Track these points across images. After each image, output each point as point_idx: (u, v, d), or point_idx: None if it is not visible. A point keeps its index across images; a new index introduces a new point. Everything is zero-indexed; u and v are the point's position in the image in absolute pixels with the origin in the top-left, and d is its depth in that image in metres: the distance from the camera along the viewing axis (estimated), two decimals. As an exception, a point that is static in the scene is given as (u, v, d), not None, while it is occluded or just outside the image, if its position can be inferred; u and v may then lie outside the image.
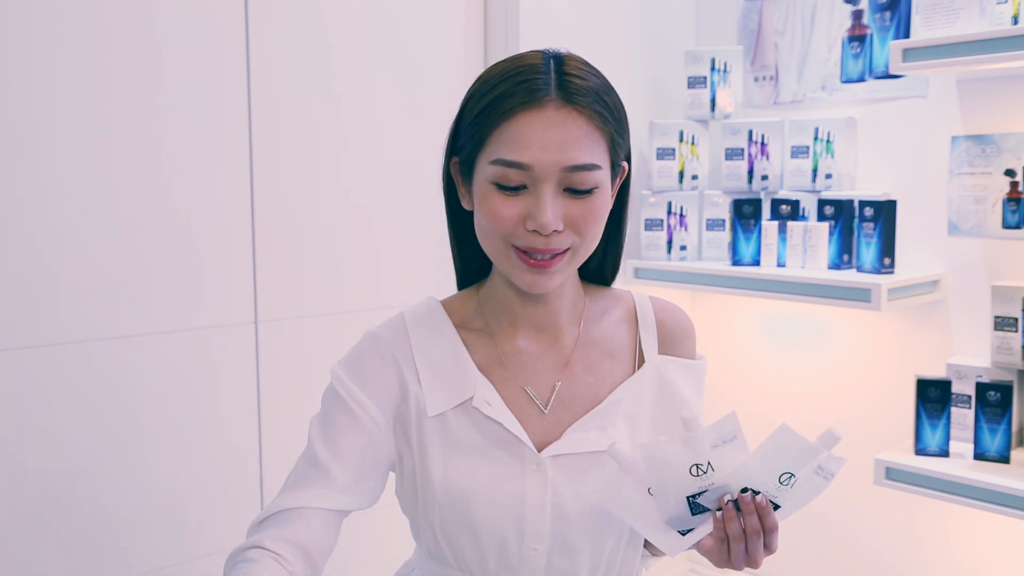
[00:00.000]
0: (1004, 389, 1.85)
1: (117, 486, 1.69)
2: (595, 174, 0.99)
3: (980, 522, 2.03)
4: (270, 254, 1.86)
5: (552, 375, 1.11)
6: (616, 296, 1.18)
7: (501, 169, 0.98)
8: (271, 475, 1.89)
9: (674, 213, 2.37)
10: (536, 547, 1.05)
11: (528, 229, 0.99)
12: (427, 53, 2.09)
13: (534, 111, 0.97)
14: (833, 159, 2.20)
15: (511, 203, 0.99)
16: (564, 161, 0.97)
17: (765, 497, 0.97)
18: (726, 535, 0.98)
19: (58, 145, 1.58)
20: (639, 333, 1.15)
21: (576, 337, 1.13)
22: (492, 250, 1.04)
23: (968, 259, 2.05)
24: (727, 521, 0.97)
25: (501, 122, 0.98)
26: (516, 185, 0.98)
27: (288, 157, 1.87)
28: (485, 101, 1.00)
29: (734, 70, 2.35)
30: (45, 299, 1.58)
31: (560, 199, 0.99)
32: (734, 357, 2.49)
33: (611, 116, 1.02)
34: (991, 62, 1.77)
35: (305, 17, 1.88)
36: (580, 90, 0.99)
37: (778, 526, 0.99)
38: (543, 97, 0.98)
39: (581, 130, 0.98)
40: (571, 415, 1.10)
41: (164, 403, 1.74)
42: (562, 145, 0.97)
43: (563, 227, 0.99)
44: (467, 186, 1.06)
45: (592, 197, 1.00)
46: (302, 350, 1.91)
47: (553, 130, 0.97)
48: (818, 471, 0.98)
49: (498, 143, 0.99)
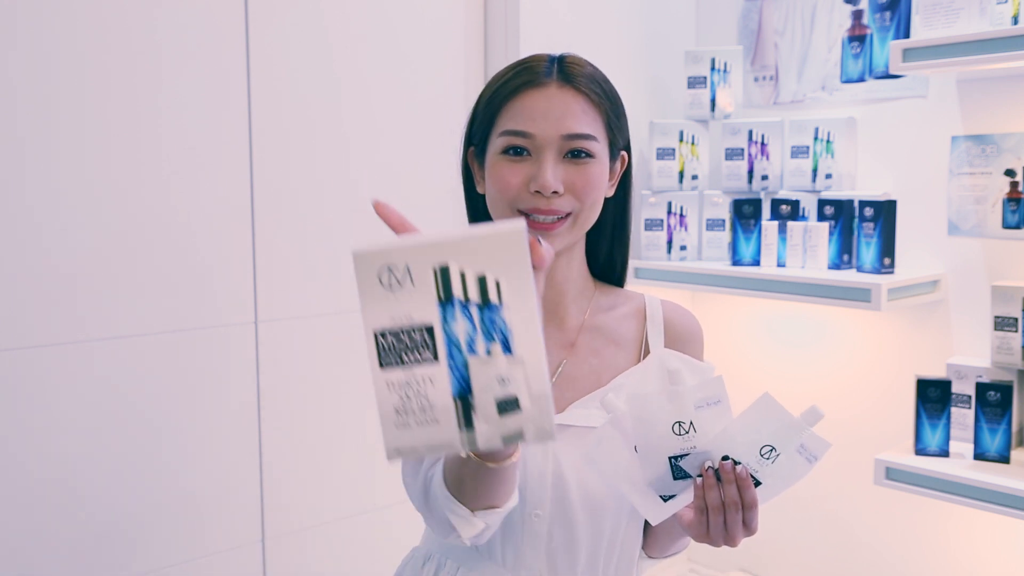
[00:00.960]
0: (1004, 389, 1.85)
1: (117, 486, 1.69)
2: (592, 144, 1.09)
3: (980, 522, 2.03)
4: (270, 254, 1.86)
5: (557, 354, 1.17)
6: (627, 295, 1.24)
7: (507, 138, 1.09)
8: (271, 475, 1.89)
9: (674, 213, 2.37)
10: (538, 512, 1.10)
11: (531, 191, 1.07)
12: (427, 53, 2.09)
13: (537, 89, 1.09)
14: (833, 159, 2.20)
15: (516, 169, 1.08)
16: (563, 129, 1.07)
17: (746, 469, 0.99)
18: (705, 505, 0.99)
19: (58, 145, 1.58)
20: (646, 328, 1.20)
21: (582, 322, 1.18)
22: (499, 217, 1.12)
23: (968, 259, 2.05)
24: (707, 489, 0.99)
25: (508, 100, 1.10)
26: (520, 148, 1.08)
27: (288, 157, 1.87)
28: (494, 88, 1.12)
29: (734, 70, 2.35)
30: (45, 299, 1.58)
31: (560, 165, 1.08)
32: (734, 357, 2.49)
33: (607, 98, 1.12)
34: (991, 62, 1.77)
35: (305, 17, 1.88)
36: (578, 74, 1.11)
37: (758, 503, 1.00)
38: (545, 78, 1.09)
39: (579, 105, 1.09)
40: (574, 394, 1.15)
41: (164, 403, 1.74)
42: (561, 116, 1.08)
43: (563, 191, 1.08)
44: (482, 170, 1.15)
45: (590, 164, 1.09)
46: (302, 350, 1.90)
47: (554, 103, 1.08)
48: (801, 450, 0.99)
49: (506, 117, 1.09)
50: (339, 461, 1.97)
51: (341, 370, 1.95)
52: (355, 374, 1.94)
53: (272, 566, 1.91)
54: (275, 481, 1.90)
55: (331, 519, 1.98)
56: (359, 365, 1.47)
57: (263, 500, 1.88)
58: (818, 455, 0.99)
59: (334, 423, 1.95)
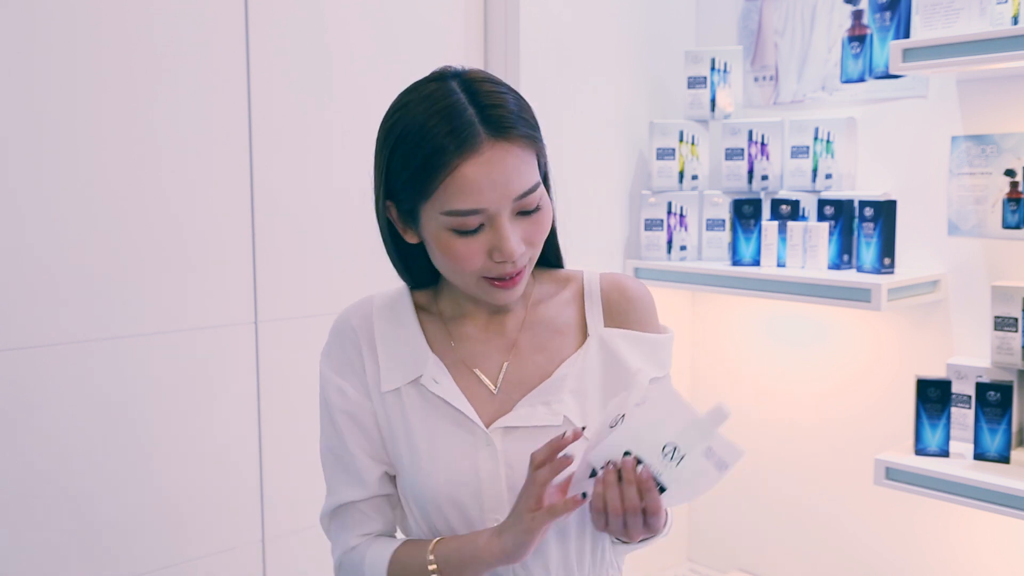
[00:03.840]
0: (1004, 389, 1.85)
1: (117, 486, 1.69)
2: (538, 191, 1.05)
3: (980, 522, 2.03)
4: (270, 254, 1.86)
5: (500, 357, 1.16)
6: (567, 276, 1.21)
7: (457, 219, 1.02)
8: (271, 475, 1.89)
9: (674, 213, 2.37)
10: (496, 516, 1.10)
11: (496, 261, 1.04)
12: (427, 53, 2.09)
13: (473, 157, 1.01)
14: (833, 159, 2.20)
15: (473, 243, 1.04)
16: (512, 193, 1.02)
17: (648, 471, 0.96)
18: (605, 503, 0.98)
19: (58, 145, 1.58)
20: (585, 308, 1.18)
21: (523, 319, 1.17)
22: (461, 283, 1.09)
23: (968, 259, 2.05)
24: (606, 487, 0.97)
25: (444, 176, 1.01)
26: (475, 228, 1.03)
27: (288, 157, 1.87)
28: (419, 155, 1.02)
29: (734, 70, 2.35)
30: (45, 299, 1.58)
31: (516, 224, 1.05)
32: (734, 357, 2.49)
33: (532, 127, 1.06)
34: (991, 62, 1.77)
35: (305, 17, 1.88)
36: (504, 119, 1.03)
37: (661, 510, 0.97)
38: (476, 141, 1.01)
39: (517, 158, 1.03)
40: (520, 393, 1.13)
41: (164, 403, 1.74)
42: (507, 181, 1.02)
43: (525, 248, 1.06)
44: (412, 227, 1.10)
45: (541, 212, 1.07)
46: (302, 350, 1.90)
47: (495, 169, 1.01)
48: (708, 455, 0.92)
49: (446, 195, 1.02)
50: (339, 461, 1.97)
51: (341, 370, 1.94)
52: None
53: (272, 566, 1.91)
54: (275, 481, 1.90)
55: (331, 519, 1.98)
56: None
57: (263, 500, 1.88)
58: (729, 463, 0.92)
59: (334, 423, 1.95)
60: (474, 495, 1.10)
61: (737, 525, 2.51)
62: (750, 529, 2.48)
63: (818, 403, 2.33)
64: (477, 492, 1.10)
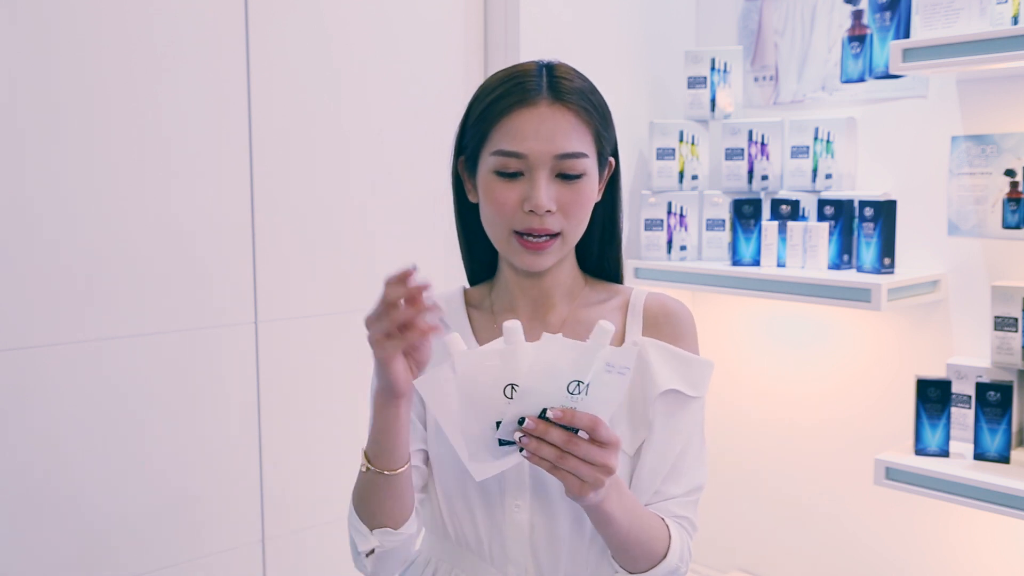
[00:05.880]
0: (1004, 389, 1.85)
1: (117, 486, 1.69)
2: (583, 161, 1.11)
3: (980, 522, 2.03)
4: (270, 254, 1.86)
5: None
6: (619, 290, 1.25)
7: (501, 159, 1.10)
8: (271, 475, 1.89)
9: (674, 213, 2.37)
10: (518, 503, 1.13)
11: (525, 211, 1.10)
12: (427, 54, 2.09)
13: (528, 108, 1.10)
14: (833, 159, 2.20)
15: (510, 189, 1.11)
16: (555, 149, 1.09)
17: (560, 409, 0.94)
18: (552, 464, 0.95)
19: (58, 145, 1.58)
20: (627, 319, 1.21)
21: (566, 317, 1.20)
22: (495, 236, 1.15)
23: (968, 259, 2.05)
24: (538, 448, 0.95)
25: (500, 119, 1.11)
26: (514, 171, 1.10)
27: (288, 158, 1.87)
28: (485, 102, 1.13)
29: (734, 70, 2.35)
30: (45, 299, 1.58)
31: (553, 184, 1.11)
32: (734, 357, 2.49)
33: (596, 112, 1.14)
34: (991, 62, 1.77)
35: (305, 18, 1.88)
36: (568, 90, 1.12)
37: (598, 420, 0.95)
38: (536, 96, 1.10)
39: (569, 123, 1.11)
40: None
41: (164, 403, 1.74)
42: (552, 136, 1.09)
43: (555, 209, 1.10)
44: (472, 180, 1.17)
45: (580, 183, 1.12)
46: (302, 350, 1.91)
47: (545, 123, 1.10)
48: (608, 369, 0.95)
49: (498, 137, 1.11)
50: (339, 461, 1.97)
51: (341, 370, 1.95)
52: (355, 374, 1.94)
53: (272, 566, 1.91)
54: (275, 481, 1.90)
55: (331, 519, 1.98)
56: (359, 365, 1.47)
57: (263, 500, 1.88)
58: (628, 364, 0.95)
59: (334, 423, 1.95)
60: (496, 478, 1.11)
61: (737, 525, 2.51)
62: (750, 529, 2.48)
63: (818, 403, 2.33)
64: (500, 478, 1.12)
